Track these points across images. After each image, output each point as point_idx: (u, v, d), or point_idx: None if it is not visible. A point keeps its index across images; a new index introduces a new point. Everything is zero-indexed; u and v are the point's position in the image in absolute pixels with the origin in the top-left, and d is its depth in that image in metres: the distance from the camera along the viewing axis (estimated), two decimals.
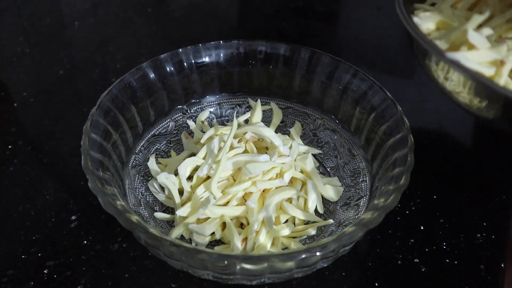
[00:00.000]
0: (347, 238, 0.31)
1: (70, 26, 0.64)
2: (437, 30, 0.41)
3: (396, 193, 0.33)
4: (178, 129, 0.45)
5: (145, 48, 0.60)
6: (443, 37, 0.38)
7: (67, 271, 0.37)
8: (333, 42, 0.63)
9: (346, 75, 0.42)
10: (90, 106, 0.38)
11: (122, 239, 0.39)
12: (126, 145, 0.40)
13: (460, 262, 0.38)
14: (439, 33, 0.40)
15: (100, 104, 0.38)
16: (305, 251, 0.30)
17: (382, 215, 0.32)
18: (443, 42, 0.37)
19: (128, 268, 0.37)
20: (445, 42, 0.37)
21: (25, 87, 0.53)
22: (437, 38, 0.38)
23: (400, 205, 0.42)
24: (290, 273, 0.33)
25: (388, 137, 0.38)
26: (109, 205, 0.31)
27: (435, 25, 0.41)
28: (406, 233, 0.40)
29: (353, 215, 0.38)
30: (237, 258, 0.29)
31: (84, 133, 0.36)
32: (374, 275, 0.37)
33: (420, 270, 0.37)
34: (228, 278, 0.33)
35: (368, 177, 0.40)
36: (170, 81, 0.43)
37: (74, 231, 0.39)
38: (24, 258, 0.37)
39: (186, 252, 0.30)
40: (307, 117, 0.45)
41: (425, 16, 0.40)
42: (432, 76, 0.39)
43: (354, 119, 0.42)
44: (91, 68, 0.56)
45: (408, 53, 0.61)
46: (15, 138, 0.47)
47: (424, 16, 0.40)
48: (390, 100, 0.39)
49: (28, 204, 0.41)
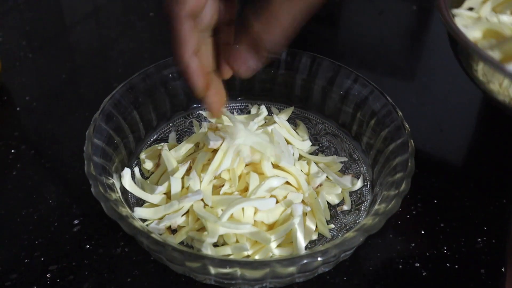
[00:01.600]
0: (349, 244, 0.31)
1: (72, 30, 0.64)
2: (484, 39, 0.41)
3: (397, 198, 0.33)
4: (180, 134, 0.45)
5: (147, 52, 0.60)
6: (495, 47, 0.38)
7: (70, 275, 0.37)
8: (334, 46, 0.63)
9: (347, 80, 0.43)
10: (92, 111, 0.38)
11: (124, 243, 0.39)
12: (128, 149, 0.41)
13: (461, 266, 0.38)
14: (487, 42, 0.40)
15: (103, 109, 0.38)
16: (307, 256, 0.30)
17: (383, 221, 0.32)
18: (496, 53, 0.38)
19: (130, 272, 0.37)
20: (499, 52, 0.38)
21: (27, 91, 0.53)
22: (488, 48, 0.39)
23: (401, 209, 0.41)
24: (291, 278, 0.33)
25: (389, 142, 0.38)
26: (112, 210, 0.32)
27: (481, 33, 0.41)
28: (407, 238, 0.40)
29: (354, 219, 0.38)
30: (239, 263, 0.30)
31: (87, 138, 0.36)
32: (375, 279, 0.37)
33: (421, 274, 0.38)
34: (230, 283, 0.33)
35: (369, 182, 0.40)
36: (172, 86, 0.43)
37: (76, 235, 0.39)
38: (27, 262, 0.38)
39: (188, 257, 0.30)
40: (308, 122, 0.46)
41: (470, 25, 0.41)
42: (477, 79, 0.40)
43: (355, 124, 0.42)
44: (93, 73, 0.57)
45: (408, 56, 0.62)
46: (18, 142, 0.47)
47: (469, 25, 0.41)
48: (391, 105, 0.39)
49: (31, 208, 0.41)
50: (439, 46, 0.63)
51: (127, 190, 0.38)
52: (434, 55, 0.62)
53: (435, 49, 0.63)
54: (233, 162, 0.38)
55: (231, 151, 0.38)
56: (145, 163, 0.41)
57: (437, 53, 0.62)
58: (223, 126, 0.41)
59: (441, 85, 0.56)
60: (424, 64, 0.61)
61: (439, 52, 0.62)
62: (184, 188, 0.38)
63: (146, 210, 0.37)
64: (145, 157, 0.42)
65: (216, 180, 0.38)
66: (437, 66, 0.60)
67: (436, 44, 0.64)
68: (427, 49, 0.64)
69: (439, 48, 0.62)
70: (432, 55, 0.62)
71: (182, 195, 0.37)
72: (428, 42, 0.65)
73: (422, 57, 0.63)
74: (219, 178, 0.38)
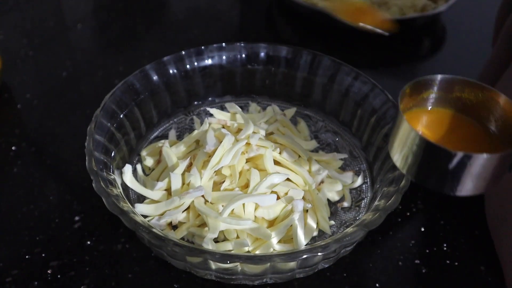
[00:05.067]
0: (349, 239, 0.31)
1: (73, 28, 0.64)
2: None
3: (397, 194, 0.33)
4: (181, 131, 0.45)
5: (147, 50, 0.61)
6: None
7: (71, 271, 0.37)
8: (335, 44, 0.63)
9: (347, 77, 0.43)
10: (93, 108, 0.38)
11: (125, 239, 0.39)
12: (129, 146, 0.41)
13: (460, 264, 0.38)
14: None
15: (104, 105, 0.38)
16: (307, 251, 0.30)
17: (383, 216, 0.32)
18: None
19: (131, 268, 0.37)
20: None
21: (28, 89, 0.54)
22: None
23: (401, 206, 0.42)
24: (292, 273, 0.33)
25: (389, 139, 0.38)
26: (114, 205, 0.32)
27: None
28: (407, 234, 0.40)
29: (354, 216, 0.39)
30: (239, 258, 0.30)
31: (89, 134, 0.36)
32: (375, 276, 0.37)
33: (421, 271, 0.38)
34: (231, 278, 0.33)
35: (369, 179, 0.40)
36: (173, 83, 0.44)
37: (77, 231, 0.40)
38: (28, 258, 0.38)
39: (189, 252, 0.30)
40: (308, 119, 0.46)
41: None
42: None
43: (356, 121, 0.43)
44: (93, 71, 0.57)
45: (408, 53, 0.62)
46: (19, 139, 0.47)
47: None
48: (391, 102, 0.40)
49: (32, 205, 0.41)
50: (440, 46, 0.63)
51: (128, 186, 0.38)
52: (434, 52, 0.62)
53: (436, 48, 0.63)
54: (234, 158, 0.38)
55: (234, 147, 0.38)
56: (145, 160, 0.42)
57: (437, 51, 0.62)
58: (232, 123, 0.41)
59: None
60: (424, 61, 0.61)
61: (440, 50, 0.62)
62: (184, 184, 0.38)
63: (147, 206, 0.37)
64: (146, 154, 0.42)
65: (217, 176, 0.39)
66: (437, 65, 0.60)
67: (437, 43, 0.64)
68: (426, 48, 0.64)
69: (440, 47, 0.63)
70: (432, 52, 0.62)
71: (182, 191, 0.38)
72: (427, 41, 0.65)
73: (422, 55, 0.63)
74: (219, 174, 0.39)
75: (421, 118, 0.35)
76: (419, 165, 0.31)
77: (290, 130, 0.43)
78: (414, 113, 0.34)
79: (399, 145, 0.32)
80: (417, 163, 0.31)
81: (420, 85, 0.34)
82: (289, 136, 0.42)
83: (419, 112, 0.35)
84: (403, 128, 0.31)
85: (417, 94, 0.34)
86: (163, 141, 0.43)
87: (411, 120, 0.33)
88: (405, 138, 0.31)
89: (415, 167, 0.31)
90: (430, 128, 0.34)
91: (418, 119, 0.34)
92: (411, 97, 0.34)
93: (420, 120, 0.35)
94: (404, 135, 0.31)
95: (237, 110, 0.44)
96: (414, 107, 0.34)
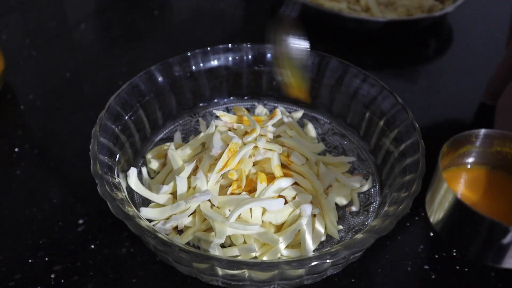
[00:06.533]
0: (358, 245, 0.30)
1: (76, 29, 0.64)
2: None
3: (408, 200, 0.33)
4: (186, 133, 0.44)
5: (151, 51, 0.60)
6: None
7: (74, 276, 0.36)
8: (340, 45, 0.62)
9: (355, 79, 0.42)
10: (97, 110, 0.38)
11: (129, 243, 0.38)
12: (134, 148, 0.40)
13: (470, 269, 0.38)
14: None
15: (108, 107, 0.38)
16: (316, 258, 0.29)
17: (393, 222, 0.32)
18: None
19: (135, 273, 0.37)
20: None
21: (31, 89, 0.53)
22: None
23: (410, 211, 0.41)
24: (300, 280, 0.32)
25: (398, 143, 0.38)
26: (119, 210, 0.31)
27: None
28: (415, 239, 0.40)
29: (362, 221, 0.38)
30: (247, 265, 0.29)
31: (93, 136, 0.35)
32: (383, 281, 0.37)
33: (430, 277, 0.37)
34: (237, 285, 0.33)
35: (377, 183, 0.40)
36: (178, 85, 0.43)
37: (81, 235, 0.39)
38: (31, 262, 0.37)
39: (195, 258, 0.29)
40: (315, 122, 0.45)
41: None
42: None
43: (364, 124, 0.42)
44: (97, 71, 0.56)
45: (414, 55, 0.61)
46: (22, 141, 0.47)
47: None
48: (401, 105, 0.39)
49: (35, 207, 0.41)
50: (445, 46, 0.62)
51: (133, 190, 0.38)
52: (440, 55, 0.62)
53: (442, 50, 0.62)
54: (241, 161, 0.37)
55: (241, 151, 0.37)
56: (151, 163, 0.41)
57: (443, 54, 0.62)
58: (238, 126, 0.41)
59: (448, 86, 0.56)
60: (429, 65, 0.61)
61: (446, 53, 0.61)
62: (190, 188, 0.38)
63: (153, 210, 0.37)
64: (151, 157, 0.41)
65: (223, 180, 0.38)
66: (444, 67, 0.60)
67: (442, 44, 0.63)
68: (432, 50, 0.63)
69: (445, 49, 0.62)
70: (438, 55, 0.62)
71: (188, 195, 0.37)
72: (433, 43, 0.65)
73: (428, 58, 0.62)
74: (226, 178, 0.38)
75: (460, 177, 0.35)
76: (465, 236, 0.31)
77: (297, 133, 0.43)
78: (452, 171, 0.35)
79: (439, 208, 0.32)
80: (464, 234, 0.31)
81: (457, 141, 0.34)
82: (296, 139, 0.42)
83: (457, 171, 0.35)
84: (446, 195, 0.31)
85: (454, 150, 0.34)
86: (168, 143, 0.42)
87: (450, 180, 0.33)
88: (448, 204, 0.31)
89: (458, 237, 0.32)
90: (470, 188, 0.34)
91: (457, 179, 0.35)
92: (448, 155, 0.34)
93: (460, 180, 0.35)
94: (448, 203, 0.31)
95: (244, 112, 0.43)
96: (452, 166, 0.35)
